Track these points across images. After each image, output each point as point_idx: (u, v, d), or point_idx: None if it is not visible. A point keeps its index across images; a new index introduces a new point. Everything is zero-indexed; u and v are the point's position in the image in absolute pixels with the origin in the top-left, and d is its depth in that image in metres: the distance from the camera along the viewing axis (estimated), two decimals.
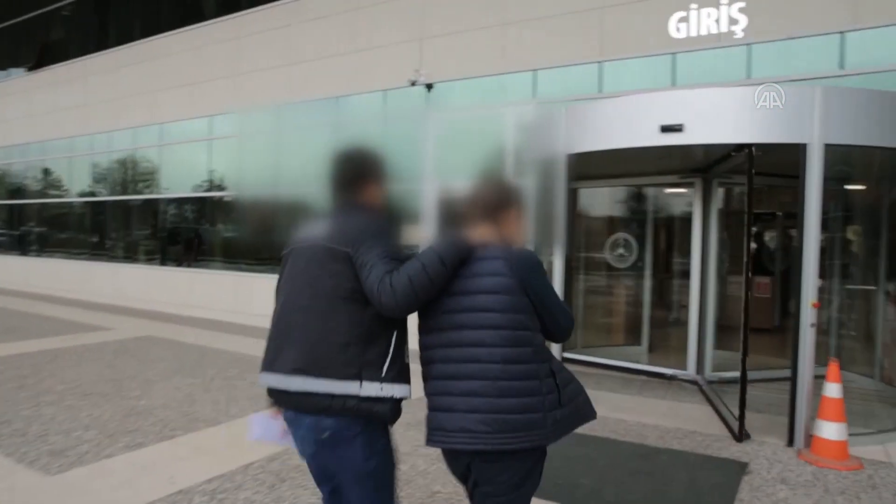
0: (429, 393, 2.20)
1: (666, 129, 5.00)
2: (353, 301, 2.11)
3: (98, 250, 13.98)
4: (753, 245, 7.65)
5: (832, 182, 5.15)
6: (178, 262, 12.25)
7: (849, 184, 6.47)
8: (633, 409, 5.78)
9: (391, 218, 2.34)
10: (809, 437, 4.67)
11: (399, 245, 2.22)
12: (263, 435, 2.41)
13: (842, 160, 5.27)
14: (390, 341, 2.16)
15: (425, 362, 2.22)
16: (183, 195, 12.15)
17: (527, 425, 2.07)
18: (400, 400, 2.16)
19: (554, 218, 5.57)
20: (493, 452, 2.08)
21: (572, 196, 7.74)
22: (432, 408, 2.18)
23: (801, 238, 4.71)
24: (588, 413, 2.29)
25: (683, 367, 6.81)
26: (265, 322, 2.40)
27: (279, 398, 2.23)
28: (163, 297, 11.70)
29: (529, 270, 2.14)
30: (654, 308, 8.23)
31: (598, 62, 7.43)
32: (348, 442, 2.12)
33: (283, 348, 2.17)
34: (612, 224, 8.39)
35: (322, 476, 2.29)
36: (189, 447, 4.58)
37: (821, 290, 4.69)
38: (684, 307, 9.92)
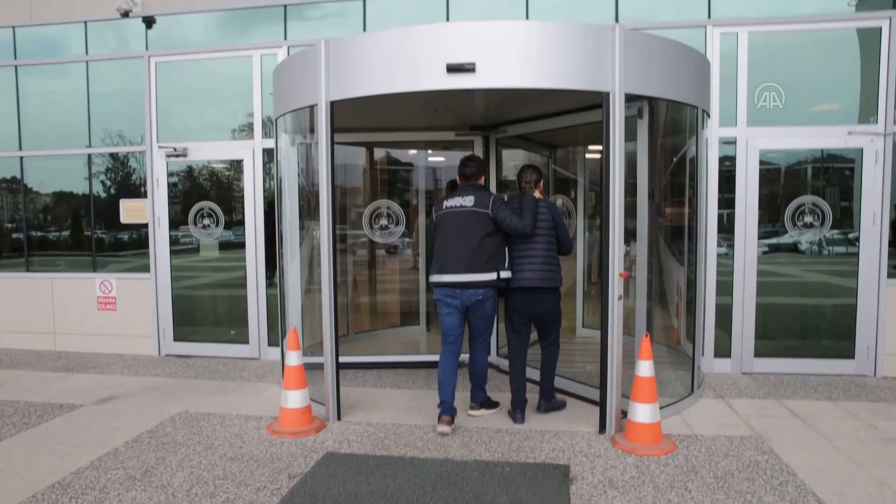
0: (513, 269, 4.44)
1: (453, 68, 4.05)
2: (490, 236, 4.33)
3: None
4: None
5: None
6: None
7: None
8: (425, 408, 4.88)
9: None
10: (621, 420, 4.21)
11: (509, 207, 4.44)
12: None
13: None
14: (505, 253, 4.43)
15: (513, 258, 4.47)
16: None
17: (553, 278, 4.49)
18: (508, 279, 4.43)
19: (319, 184, 4.32)
20: (543, 288, 4.44)
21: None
22: (515, 272, 4.45)
23: (605, 199, 4.16)
24: None
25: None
26: None
27: (454, 285, 4.33)
28: None
29: (556, 213, 4.58)
30: (429, 285, 7.52)
31: None
32: (487, 300, 4.38)
33: (447, 262, 4.36)
34: (373, 190, 7.40)
35: (462, 318, 4.45)
36: None
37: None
38: None
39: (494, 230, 4.34)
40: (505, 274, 4.38)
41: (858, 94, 5.73)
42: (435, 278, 4.42)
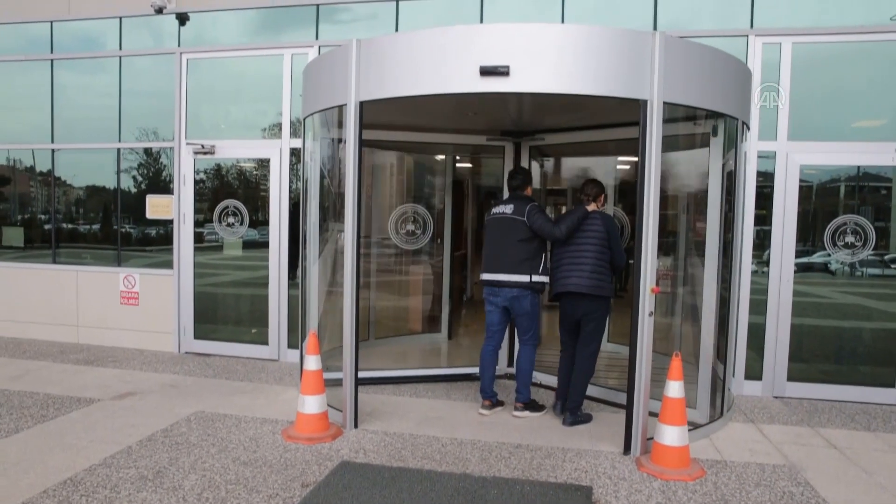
0: (556, 275, 4.69)
1: (486, 71, 3.94)
2: (526, 241, 4.67)
3: None
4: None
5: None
6: None
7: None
8: (444, 419, 4.77)
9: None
10: (647, 441, 4.04)
11: (545, 215, 4.80)
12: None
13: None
14: (541, 259, 4.71)
15: (556, 261, 4.72)
16: None
17: (602, 286, 4.57)
18: (545, 283, 4.73)
19: (345, 186, 4.24)
20: (589, 295, 4.55)
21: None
22: (558, 279, 4.67)
23: (638, 212, 4.00)
24: None
25: None
26: None
27: (492, 283, 4.78)
28: None
29: (611, 226, 4.66)
30: (453, 291, 7.39)
31: None
32: (522, 298, 4.69)
33: (493, 263, 4.76)
34: (400, 194, 7.30)
35: (502, 316, 4.86)
36: None
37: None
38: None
39: (530, 236, 4.68)
40: (538, 278, 4.68)
41: None
42: (481, 276, 4.92)
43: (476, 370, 5.87)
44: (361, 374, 4.61)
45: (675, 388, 3.83)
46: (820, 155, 5.51)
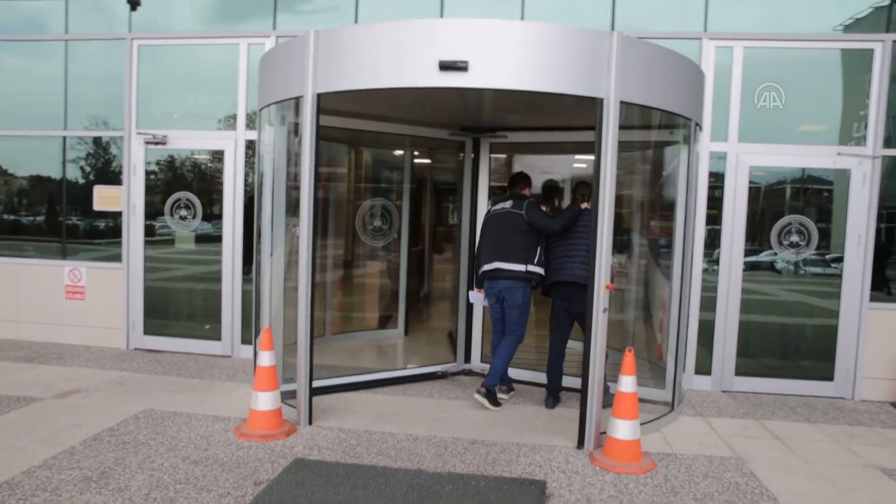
0: (551, 266, 4.97)
1: (446, 65, 3.93)
2: (524, 233, 4.90)
3: None
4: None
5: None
6: None
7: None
8: (400, 415, 4.75)
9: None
10: (601, 436, 4.11)
11: (542, 210, 5.13)
12: (475, 300, 5.34)
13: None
14: (537, 250, 4.94)
15: (552, 255, 5.00)
16: None
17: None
18: (541, 275, 4.95)
19: (301, 179, 4.16)
20: (579, 284, 4.65)
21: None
22: (554, 270, 4.95)
23: (594, 209, 4.05)
24: None
25: (451, 358, 6.01)
26: None
27: (491, 273, 4.95)
28: None
29: None
30: (409, 287, 7.36)
31: None
32: (516, 290, 4.89)
33: (491, 254, 4.96)
34: (366, 189, 7.25)
35: (498, 305, 5.00)
36: None
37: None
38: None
39: (528, 230, 4.90)
40: (533, 268, 4.88)
41: (846, 115, 5.72)
42: (481, 268, 5.08)
43: (434, 369, 5.90)
44: (317, 384, 4.51)
45: (627, 383, 3.90)
46: (769, 157, 5.68)
